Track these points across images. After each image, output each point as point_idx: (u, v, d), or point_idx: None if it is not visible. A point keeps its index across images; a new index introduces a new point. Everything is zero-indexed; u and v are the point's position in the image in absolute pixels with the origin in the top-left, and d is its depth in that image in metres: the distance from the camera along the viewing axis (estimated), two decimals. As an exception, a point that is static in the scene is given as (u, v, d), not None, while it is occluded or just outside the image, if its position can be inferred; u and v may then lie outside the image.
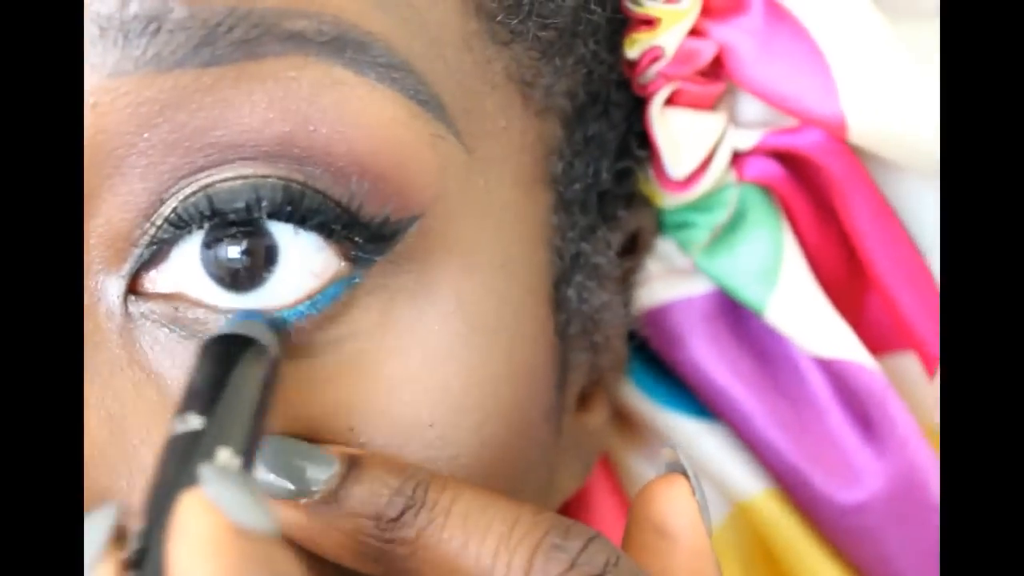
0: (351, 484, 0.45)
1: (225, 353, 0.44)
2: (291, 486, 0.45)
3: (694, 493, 0.47)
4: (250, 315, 0.46)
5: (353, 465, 0.45)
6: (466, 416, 0.48)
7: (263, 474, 0.45)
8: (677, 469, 0.48)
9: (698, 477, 0.48)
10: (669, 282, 0.57)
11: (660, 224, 0.57)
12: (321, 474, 0.45)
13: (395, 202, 0.46)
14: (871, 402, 0.56)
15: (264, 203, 0.45)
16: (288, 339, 0.46)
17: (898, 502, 0.56)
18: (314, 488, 0.45)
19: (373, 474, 0.45)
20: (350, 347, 0.46)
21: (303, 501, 0.45)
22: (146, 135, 0.44)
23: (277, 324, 0.46)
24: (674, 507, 0.47)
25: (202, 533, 0.39)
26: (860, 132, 0.53)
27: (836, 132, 0.54)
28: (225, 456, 0.41)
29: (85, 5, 0.43)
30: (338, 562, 0.46)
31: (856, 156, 0.55)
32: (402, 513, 0.45)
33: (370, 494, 0.45)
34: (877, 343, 0.57)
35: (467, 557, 0.44)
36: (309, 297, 0.46)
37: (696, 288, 0.57)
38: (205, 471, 0.40)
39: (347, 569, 0.46)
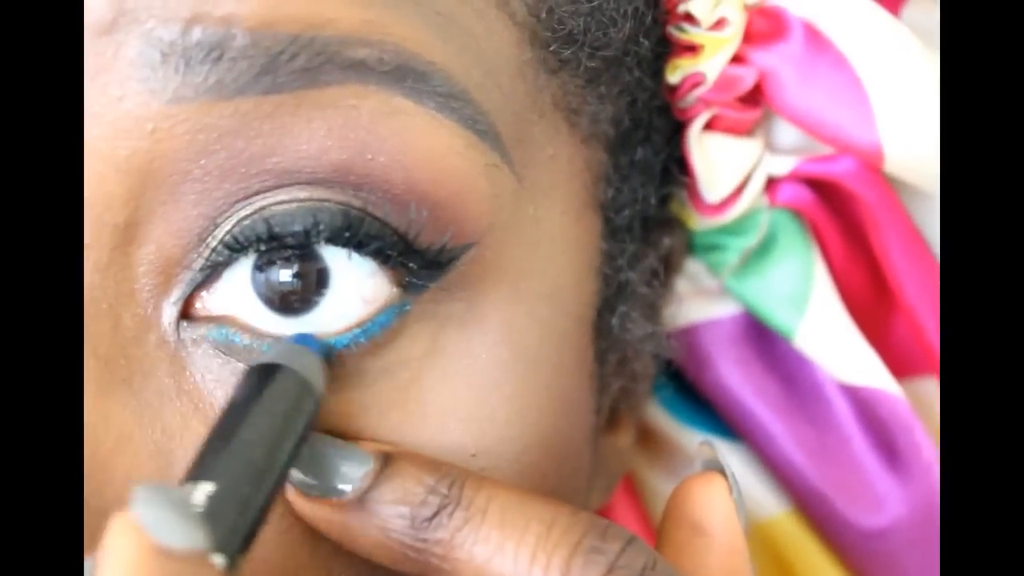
0: (385, 481, 0.45)
1: (268, 390, 0.44)
2: (325, 483, 0.45)
3: (731, 491, 0.47)
4: (304, 339, 0.45)
5: (388, 463, 0.45)
6: (508, 445, 0.48)
7: (299, 472, 0.45)
8: (714, 467, 0.48)
9: (735, 476, 0.48)
10: (697, 303, 0.58)
11: (690, 245, 0.57)
12: (356, 471, 0.45)
13: (452, 230, 0.46)
14: (897, 429, 0.56)
15: (322, 227, 0.45)
16: (336, 367, 0.46)
17: (920, 529, 0.56)
18: (349, 485, 0.45)
19: (407, 472, 0.45)
20: (400, 375, 0.46)
21: (337, 499, 0.45)
22: (202, 162, 0.44)
23: (327, 352, 0.46)
24: (711, 505, 0.47)
25: (123, 556, 0.38)
26: (896, 162, 0.53)
27: (872, 161, 0.54)
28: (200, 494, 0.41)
29: (148, 31, 0.43)
30: (374, 560, 0.45)
31: (889, 185, 0.56)
32: (437, 512, 0.44)
33: (404, 492, 0.44)
34: (900, 367, 0.58)
35: (504, 558, 0.44)
36: (360, 324, 0.46)
37: (724, 310, 0.58)
38: (138, 491, 0.39)
39: (383, 567, 0.45)
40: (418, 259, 0.46)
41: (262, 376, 0.44)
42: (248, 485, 0.42)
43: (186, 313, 0.45)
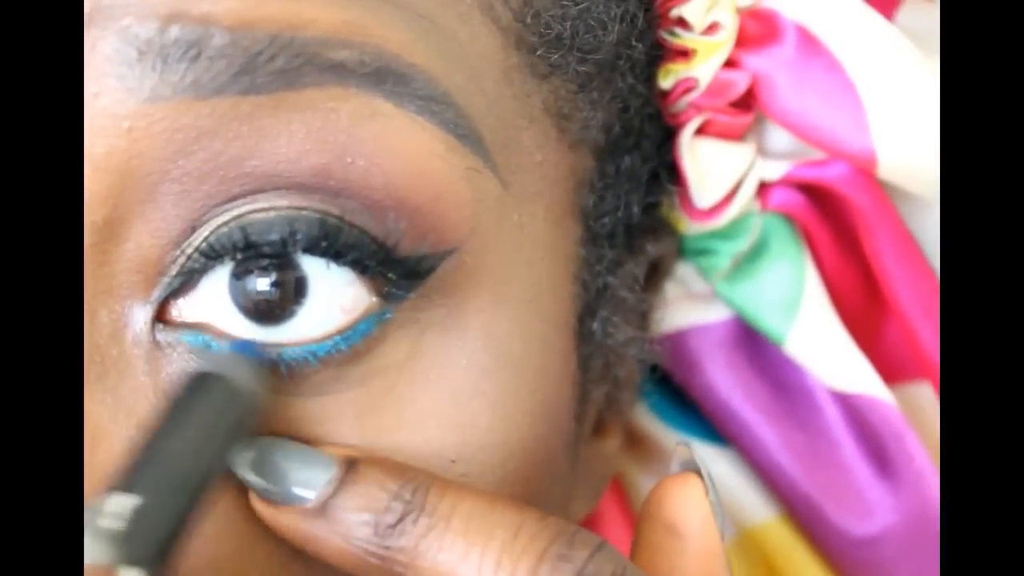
0: (348, 488, 0.44)
1: (201, 400, 0.43)
2: (288, 489, 0.44)
3: (707, 493, 0.46)
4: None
5: (351, 468, 0.44)
6: (490, 453, 0.47)
7: (261, 478, 0.45)
8: (691, 468, 0.47)
9: (712, 477, 0.47)
10: (687, 307, 0.57)
11: (680, 249, 0.57)
12: (319, 477, 0.44)
13: (432, 238, 0.45)
14: (888, 437, 0.55)
15: (299, 236, 0.44)
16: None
17: (911, 537, 0.56)
18: (312, 492, 0.44)
19: (371, 477, 0.44)
20: (379, 382, 0.46)
21: (300, 505, 0.44)
22: (181, 162, 0.43)
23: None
24: (687, 506, 0.46)
25: None
26: (889, 167, 0.53)
27: (865, 167, 0.53)
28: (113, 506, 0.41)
29: (124, 28, 0.42)
30: (340, 568, 0.45)
31: (882, 190, 0.55)
32: (400, 519, 0.43)
33: (367, 499, 0.44)
34: (892, 372, 0.57)
35: (468, 566, 0.43)
36: (341, 331, 0.45)
37: (714, 315, 0.57)
38: None
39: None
40: (397, 269, 0.45)
41: (196, 386, 0.44)
42: (172, 496, 0.41)
43: (162, 318, 0.45)
